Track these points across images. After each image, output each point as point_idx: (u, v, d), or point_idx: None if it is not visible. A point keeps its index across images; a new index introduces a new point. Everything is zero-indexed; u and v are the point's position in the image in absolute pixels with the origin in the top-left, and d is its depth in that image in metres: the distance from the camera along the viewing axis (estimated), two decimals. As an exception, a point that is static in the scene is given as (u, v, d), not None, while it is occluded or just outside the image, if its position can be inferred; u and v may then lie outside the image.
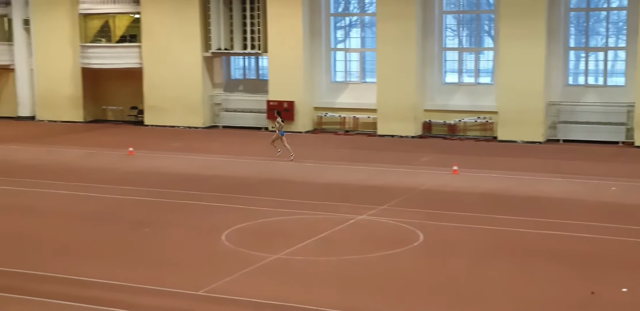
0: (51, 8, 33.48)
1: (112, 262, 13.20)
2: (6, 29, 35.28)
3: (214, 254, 13.70)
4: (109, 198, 18.35)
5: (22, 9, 34.33)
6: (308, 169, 22.43)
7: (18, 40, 34.56)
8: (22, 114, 34.91)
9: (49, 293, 11.46)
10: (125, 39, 32.89)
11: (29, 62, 34.60)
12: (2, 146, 26.93)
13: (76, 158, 24.62)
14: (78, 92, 33.64)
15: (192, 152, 25.43)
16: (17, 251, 13.91)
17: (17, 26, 34.46)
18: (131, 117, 33.85)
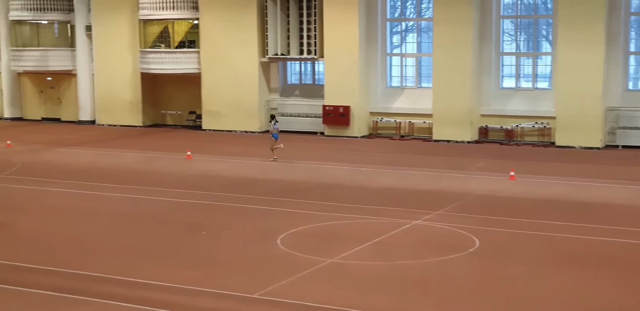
0: (112, 14, 34.19)
1: (169, 264, 13.42)
2: (69, 35, 36.12)
3: (270, 258, 13.82)
4: (167, 201, 18.66)
5: (84, 16, 35.13)
6: (363, 173, 22.45)
7: (80, 46, 35.36)
8: (83, 119, 35.67)
9: (107, 295, 11.70)
10: (184, 44, 33.39)
11: (90, 67, 35.36)
12: (63, 149, 27.57)
13: (135, 161, 25.07)
14: (137, 97, 34.26)
15: (248, 156, 25.68)
16: (77, 252, 14.23)
17: (80, 32, 35.26)
18: (189, 121, 34.33)
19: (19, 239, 15.28)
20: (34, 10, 35.12)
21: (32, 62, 35.42)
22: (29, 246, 14.70)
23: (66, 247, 14.59)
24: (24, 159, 25.04)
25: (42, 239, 15.18)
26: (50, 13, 35.40)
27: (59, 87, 36.82)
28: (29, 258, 13.67)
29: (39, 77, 36.98)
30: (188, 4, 32.68)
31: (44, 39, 36.04)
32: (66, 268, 13.03)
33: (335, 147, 28.09)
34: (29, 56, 35.43)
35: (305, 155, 25.94)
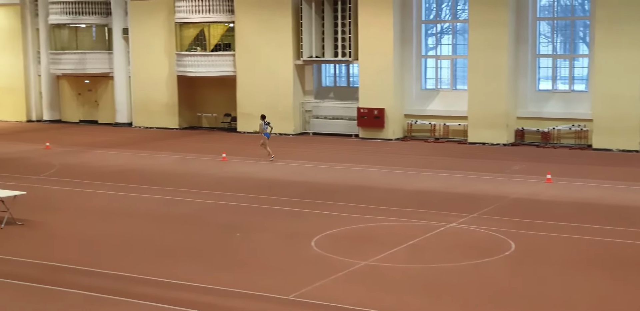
0: (149, 18, 34.55)
1: (205, 265, 13.52)
2: (106, 38, 36.58)
3: (304, 260, 13.86)
4: (203, 203, 18.79)
5: (121, 19, 35.55)
6: (397, 176, 22.41)
7: (117, 49, 35.77)
8: (120, 121, 36.08)
9: (144, 295, 11.83)
10: (220, 47, 33.63)
11: (127, 70, 35.76)
12: (101, 151, 27.91)
13: (171, 163, 25.30)
14: (173, 99, 34.56)
15: (282, 158, 25.75)
16: (114, 253, 14.40)
17: (117, 36, 35.70)
18: (224, 124, 34.55)
19: (57, 239, 15.51)
20: (73, 14, 35.61)
21: (70, 65, 35.91)
22: (67, 246, 14.91)
23: (103, 248, 14.76)
24: (62, 161, 25.40)
25: (80, 240, 15.38)
26: (89, 17, 35.87)
27: (96, 90, 37.29)
28: (67, 258, 13.86)
29: (77, 80, 37.49)
30: (224, 7, 32.92)
31: (82, 43, 36.53)
32: (104, 269, 13.19)
33: (369, 149, 28.07)
34: (68, 59, 35.93)
35: (340, 157, 25.96)
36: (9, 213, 16.41)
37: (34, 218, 17.02)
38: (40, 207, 18.15)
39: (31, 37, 37.70)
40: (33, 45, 37.77)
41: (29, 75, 37.93)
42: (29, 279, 12.62)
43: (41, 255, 14.05)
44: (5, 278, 12.70)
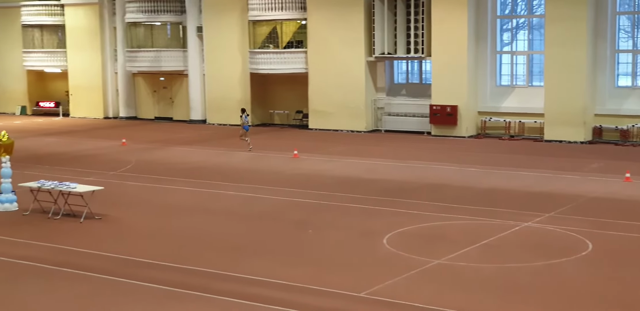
0: (222, 16, 34.94)
1: (278, 261, 13.59)
2: (181, 36, 37.14)
3: (376, 257, 13.80)
4: (275, 199, 18.91)
5: (195, 17, 36.05)
6: (471, 174, 22.12)
7: (191, 47, 36.29)
8: (194, 118, 36.59)
9: (220, 291, 11.95)
10: (292, 44, 33.77)
11: (201, 67, 36.24)
12: (175, 148, 28.37)
13: (244, 160, 25.52)
14: (246, 96, 34.87)
15: (354, 156, 25.73)
16: (191, 249, 14.60)
17: (191, 33, 36.21)
18: (296, 121, 34.70)
19: (134, 234, 15.82)
20: (149, 12, 36.28)
21: (146, 62, 36.60)
22: (144, 241, 15.19)
23: (179, 243, 14.98)
24: (138, 157, 25.90)
25: (157, 235, 15.65)
26: (164, 15, 36.49)
27: (171, 87, 37.92)
28: (144, 252, 14.12)
29: (152, 78, 38.20)
30: (296, 4, 33.04)
31: (158, 40, 37.18)
32: (181, 264, 13.38)
33: (442, 147, 27.80)
34: (143, 56, 36.62)
35: (412, 155, 25.78)
36: (87, 208, 16.81)
37: (112, 212, 17.40)
38: (117, 202, 18.54)
39: (109, 35, 38.56)
40: (110, 43, 38.63)
41: (106, 73, 38.81)
42: (108, 272, 12.90)
43: (119, 249, 14.34)
44: (85, 270, 13.02)
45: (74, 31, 38.92)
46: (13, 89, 41.36)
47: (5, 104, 41.80)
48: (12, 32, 40.60)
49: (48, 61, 39.65)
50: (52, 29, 39.71)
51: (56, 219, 16.80)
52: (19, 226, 16.30)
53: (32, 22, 39.58)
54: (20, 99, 41.24)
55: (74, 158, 25.84)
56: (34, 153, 26.62)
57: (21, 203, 17.84)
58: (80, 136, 31.82)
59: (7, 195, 17.77)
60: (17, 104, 41.27)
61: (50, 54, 39.56)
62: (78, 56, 38.93)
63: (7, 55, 41.14)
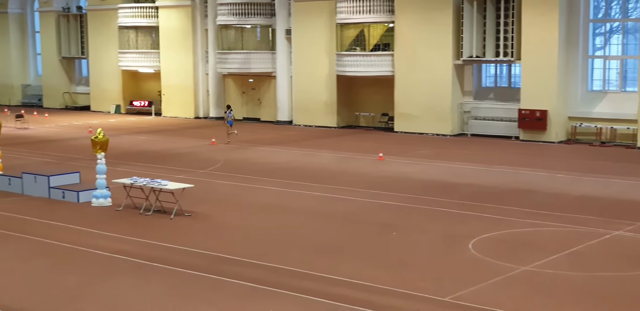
0: (311, 18, 35.27)
1: (362, 263, 13.69)
2: (270, 38, 37.67)
3: (461, 262, 13.74)
4: (360, 201, 19.01)
5: (285, 20, 36.50)
6: (560, 180, 21.73)
7: (280, 49, 36.76)
8: (281, 119, 37.05)
9: (304, 289, 12.13)
10: (379, 47, 33.83)
11: (289, 69, 36.67)
12: (262, 148, 28.80)
13: (329, 161, 25.73)
14: (333, 98, 35.11)
15: (439, 159, 25.60)
16: (275, 247, 14.85)
17: (280, 36, 36.69)
18: (382, 123, 34.74)
19: (222, 231, 16.18)
20: (239, 15, 36.92)
21: (236, 64, 37.26)
22: (231, 238, 15.52)
23: (265, 241, 15.26)
24: (227, 156, 26.42)
25: (243, 233, 15.97)
26: (254, 18, 37.07)
27: (259, 89, 38.49)
28: (231, 249, 14.44)
29: (241, 79, 38.85)
30: (384, 7, 33.08)
31: (247, 43, 37.80)
32: (265, 262, 13.64)
33: (530, 152, 27.38)
34: (233, 58, 37.29)
35: (499, 159, 25.48)
36: (178, 205, 17.28)
37: (201, 209, 17.83)
38: (206, 200, 18.98)
39: (200, 37, 39.41)
40: (202, 45, 39.47)
41: (197, 74, 39.68)
42: (196, 268, 13.26)
43: (207, 246, 14.70)
44: (175, 266, 13.41)
45: (167, 33, 39.96)
46: (109, 89, 42.74)
47: (101, 103, 43.21)
48: (109, 33, 41.94)
49: (142, 61, 40.82)
50: (146, 30, 40.88)
51: (147, 215, 17.33)
52: (112, 221, 16.88)
53: (128, 24, 40.82)
54: (115, 98, 42.59)
55: (165, 156, 26.55)
56: (127, 151, 27.47)
57: (115, 199, 18.47)
58: (172, 135, 32.65)
59: (101, 191, 18.43)
60: (112, 103, 42.63)
61: (144, 54, 40.72)
62: (171, 57, 39.94)
63: (104, 55, 42.52)
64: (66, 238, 15.32)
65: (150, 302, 11.70)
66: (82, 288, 12.32)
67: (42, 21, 45.51)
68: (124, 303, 11.62)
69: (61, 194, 18.99)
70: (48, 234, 15.69)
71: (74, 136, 32.26)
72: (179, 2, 39.53)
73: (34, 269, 13.33)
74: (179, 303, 11.61)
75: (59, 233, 15.78)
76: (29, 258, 14.02)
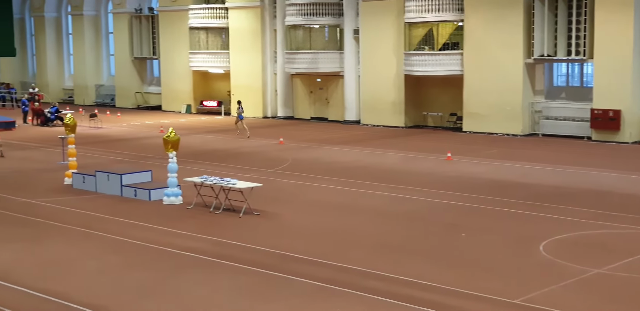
0: (379, 18, 35.20)
1: (429, 263, 13.62)
2: (338, 38, 37.74)
3: (531, 264, 13.53)
4: (427, 201, 18.90)
5: (353, 20, 36.53)
6: (635, 181, 21.19)
7: (348, 49, 36.81)
8: (349, 118, 37.08)
9: (370, 289, 12.13)
10: (448, 46, 33.56)
11: (357, 69, 36.68)
12: (330, 147, 28.88)
13: (397, 161, 25.64)
14: (400, 98, 34.97)
15: (509, 159, 25.26)
16: (341, 246, 14.88)
17: (348, 36, 36.73)
18: (450, 123, 34.45)
19: (289, 230, 16.29)
20: (308, 15, 37.11)
21: (303, 64, 37.47)
22: (298, 237, 15.62)
23: (332, 240, 15.30)
24: (294, 156, 26.59)
25: (310, 232, 16.05)
26: (322, 18, 37.21)
27: (327, 88, 38.61)
28: (298, 248, 14.53)
29: (309, 79, 39.03)
30: (453, 6, 32.80)
31: (315, 42, 37.96)
32: (332, 261, 13.68)
33: (603, 153, 26.78)
34: (301, 58, 37.51)
35: (571, 160, 25.01)
36: (246, 204, 17.47)
37: (269, 208, 17.99)
38: (274, 199, 19.14)
39: (269, 37, 39.74)
40: (271, 45, 39.79)
41: (266, 74, 40.03)
42: (264, 266, 13.38)
43: (275, 244, 14.83)
44: (244, 264, 13.57)
45: (237, 33, 40.41)
46: (180, 89, 43.45)
47: (172, 103, 43.98)
48: (180, 34, 42.64)
49: (212, 62, 41.38)
50: (216, 31, 41.43)
51: (217, 213, 17.57)
52: (183, 219, 17.17)
53: (199, 25, 41.43)
54: (186, 98, 43.28)
55: (234, 155, 26.86)
56: (197, 150, 27.89)
57: (185, 197, 18.78)
58: (241, 135, 32.99)
59: (173, 189, 18.76)
60: (182, 103, 43.34)
61: (214, 55, 41.26)
62: (240, 57, 40.38)
63: (175, 56, 43.24)
64: (138, 236, 15.65)
65: (219, 299, 11.86)
66: (153, 285, 12.57)
67: (116, 22, 46.57)
68: (193, 299, 11.81)
69: (133, 192, 19.40)
70: (120, 231, 16.06)
71: (146, 135, 32.92)
72: (249, 3, 39.93)
73: (107, 265, 13.66)
74: (246, 301, 11.75)
75: (131, 231, 16.13)
76: (101, 255, 14.37)
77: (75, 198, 19.54)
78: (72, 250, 14.79)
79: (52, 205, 18.68)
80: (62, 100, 49.37)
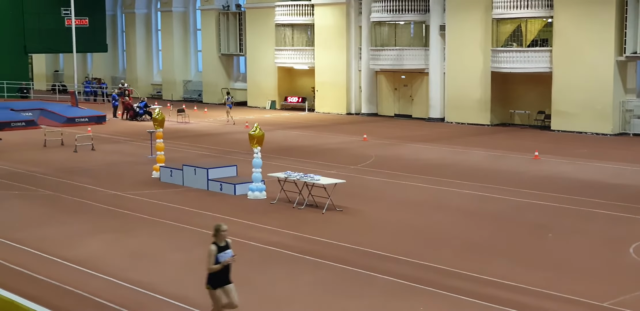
0: (466, 14, 34.76)
1: (515, 264, 13.39)
2: (423, 35, 37.45)
3: (621, 267, 13.16)
4: (513, 200, 18.59)
5: (439, 16, 36.18)
6: None
7: (433, 46, 36.49)
8: (433, 116, 36.77)
9: (454, 288, 12.02)
10: (536, 43, 32.88)
11: (442, 66, 36.32)
12: (413, 145, 28.70)
13: (482, 159, 25.29)
14: (486, 95, 34.47)
15: (598, 159, 24.60)
16: (425, 244, 14.79)
17: (433, 32, 36.41)
18: (537, 121, 33.77)
19: (372, 227, 16.27)
20: (393, 11, 36.97)
21: (388, 61, 37.34)
22: (380, 234, 15.59)
23: (415, 238, 15.22)
24: (378, 153, 26.53)
25: (393, 229, 15.99)
26: (408, 14, 37.00)
27: (411, 85, 38.38)
28: (380, 245, 14.50)
29: (393, 76, 38.87)
30: (543, 2, 32.14)
31: (400, 39, 37.76)
32: (414, 259, 13.61)
33: (698, 153, 25.81)
34: (386, 55, 37.38)
35: (664, 161, 24.20)
36: (329, 200, 17.53)
37: (352, 205, 18.00)
38: (357, 195, 19.14)
39: (354, 34, 39.74)
40: (355, 42, 39.78)
41: (350, 70, 40.04)
42: (347, 262, 13.41)
43: (357, 241, 14.83)
44: (327, 259, 13.63)
45: (322, 30, 40.54)
46: (265, 85, 43.92)
47: (257, 99, 44.49)
48: (266, 31, 43.06)
49: (297, 58, 41.65)
50: (302, 28, 41.69)
51: (300, 209, 17.69)
52: (267, 214, 17.35)
53: (285, 22, 41.77)
54: (270, 94, 43.71)
55: (318, 151, 26.98)
56: (281, 145, 28.13)
57: (269, 192, 18.97)
58: (324, 131, 33.14)
59: (257, 184, 18.98)
60: (267, 99, 43.80)
61: (299, 51, 41.51)
62: (324, 54, 40.51)
63: (261, 52, 43.71)
64: (223, 229, 15.87)
65: (301, 293, 11.95)
66: (237, 278, 12.68)
67: (203, 19, 47.37)
68: (276, 293, 11.94)
69: (219, 186, 19.72)
70: (206, 224, 16.30)
71: (231, 130, 33.40)
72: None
73: (193, 258, 13.90)
74: (328, 296, 11.80)
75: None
76: (188, 248, 14.66)
77: (162, 191, 19.98)
78: (159, 242, 15.14)
79: (140, 198, 19.16)
80: (150, 95, 50.52)
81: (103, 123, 35.93)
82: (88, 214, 17.45)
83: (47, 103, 39.98)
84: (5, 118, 34.19)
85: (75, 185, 20.79)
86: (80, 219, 17.04)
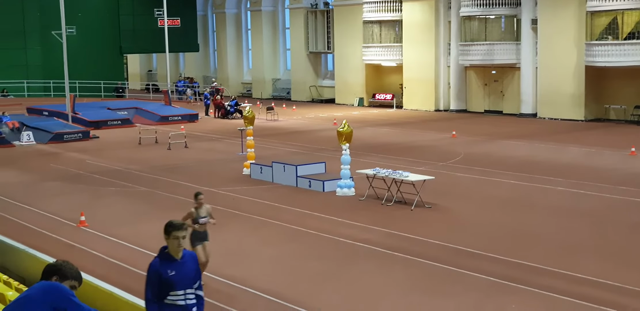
0: (559, 7, 33.95)
1: (612, 263, 13.02)
2: (514, 29, 36.78)
3: None
4: (608, 198, 18.07)
5: (530, 10, 35.47)
6: None
7: (525, 40, 35.79)
8: (524, 112, 36.09)
9: (547, 287, 11.77)
10: (633, 36, 31.84)
11: (534, 60, 35.59)
12: (504, 141, 28.23)
13: (575, 156, 24.68)
14: (580, 90, 33.60)
15: (700, 155, 23.67)
16: (517, 242, 14.53)
17: (525, 26, 35.71)
18: (634, 117, 32.72)
19: (461, 224, 16.09)
20: (484, 5, 36.46)
21: (478, 56, 36.84)
22: (470, 231, 15.40)
23: (506, 236, 14.98)
24: (467, 149, 26.21)
25: (483, 227, 15.78)
26: (499, 8, 36.42)
27: (502, 81, 37.75)
28: (470, 243, 14.33)
29: (483, 71, 38.32)
30: (641, -7, 31.11)
31: (491, 34, 37.18)
32: (506, 257, 13.39)
33: None
34: (476, 50, 36.89)
35: None
36: (418, 196, 17.42)
37: (441, 202, 17.85)
38: (446, 192, 18.97)
39: (443, 29, 39.36)
40: (444, 37, 39.41)
41: (439, 66, 39.69)
42: (437, 260, 13.32)
43: (447, 238, 14.70)
44: (416, 256, 13.57)
45: (410, 26, 40.30)
46: (353, 82, 43.98)
47: (345, 96, 44.61)
48: (354, 28, 43.11)
49: (385, 55, 41.55)
50: (390, 24, 41.53)
51: (389, 205, 17.65)
52: (356, 211, 17.38)
53: (372, 18, 41.71)
54: (358, 91, 43.75)
55: (406, 148, 26.86)
56: (369, 142, 28.11)
57: (357, 189, 18.99)
58: (412, 128, 32.96)
59: (346, 181, 19.04)
60: (355, 96, 43.85)
61: (387, 48, 41.41)
62: (413, 50, 40.26)
63: (349, 50, 43.79)
64: (312, 225, 16.02)
65: (390, 291, 11.93)
66: (327, 274, 12.84)
67: (292, 18, 47.78)
68: (365, 290, 11.95)
69: (308, 183, 19.87)
70: (296, 221, 16.50)
71: (320, 127, 33.58)
72: (423, -5, 39.78)
73: (283, 253, 14.09)
74: (418, 293, 11.75)
75: (305, 220, 16.53)
76: (278, 243, 14.83)
77: (253, 188, 20.27)
78: (250, 238, 15.37)
79: (232, 194, 19.49)
80: (240, 94, 51.30)
81: (196, 121, 36.70)
82: (182, 211, 17.82)
83: (142, 102, 41.14)
84: (102, 117, 35.35)
85: (169, 182, 21.31)
86: (175, 215, 17.41)
